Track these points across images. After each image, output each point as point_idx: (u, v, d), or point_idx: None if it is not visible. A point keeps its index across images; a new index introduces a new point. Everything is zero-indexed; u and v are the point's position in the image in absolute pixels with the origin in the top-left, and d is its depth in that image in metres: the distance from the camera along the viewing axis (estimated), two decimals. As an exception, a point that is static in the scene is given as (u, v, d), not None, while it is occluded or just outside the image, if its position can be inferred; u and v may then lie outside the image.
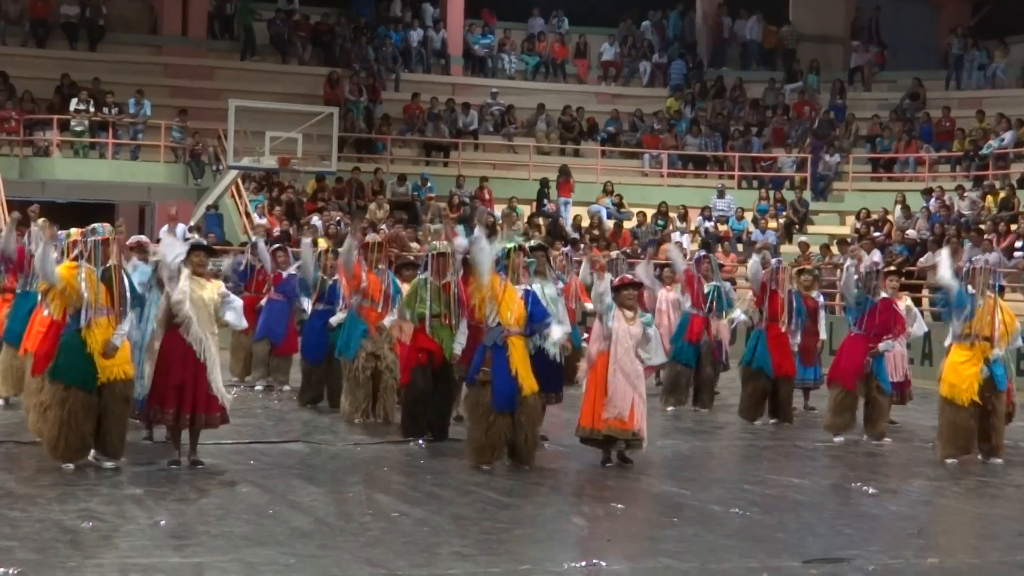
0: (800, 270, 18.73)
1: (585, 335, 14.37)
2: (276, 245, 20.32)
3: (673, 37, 41.11)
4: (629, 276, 14.17)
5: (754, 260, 17.96)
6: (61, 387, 11.91)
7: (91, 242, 12.09)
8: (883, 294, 15.83)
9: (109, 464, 12.13)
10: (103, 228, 12.27)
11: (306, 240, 18.03)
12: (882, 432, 15.84)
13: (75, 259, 12.17)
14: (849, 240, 30.27)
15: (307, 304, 17.63)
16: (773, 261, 18.56)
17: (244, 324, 13.32)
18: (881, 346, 15.62)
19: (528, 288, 13.18)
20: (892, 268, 18.10)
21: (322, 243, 27.88)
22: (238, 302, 12.80)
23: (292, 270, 19.02)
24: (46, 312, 12.66)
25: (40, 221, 15.53)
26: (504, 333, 12.78)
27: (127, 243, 14.57)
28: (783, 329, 17.47)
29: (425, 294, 14.32)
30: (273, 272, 19.39)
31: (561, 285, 14.62)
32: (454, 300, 14.28)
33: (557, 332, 12.94)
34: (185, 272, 12.41)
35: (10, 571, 8.38)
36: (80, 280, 11.93)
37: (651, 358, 13.39)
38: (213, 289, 12.48)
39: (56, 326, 12.18)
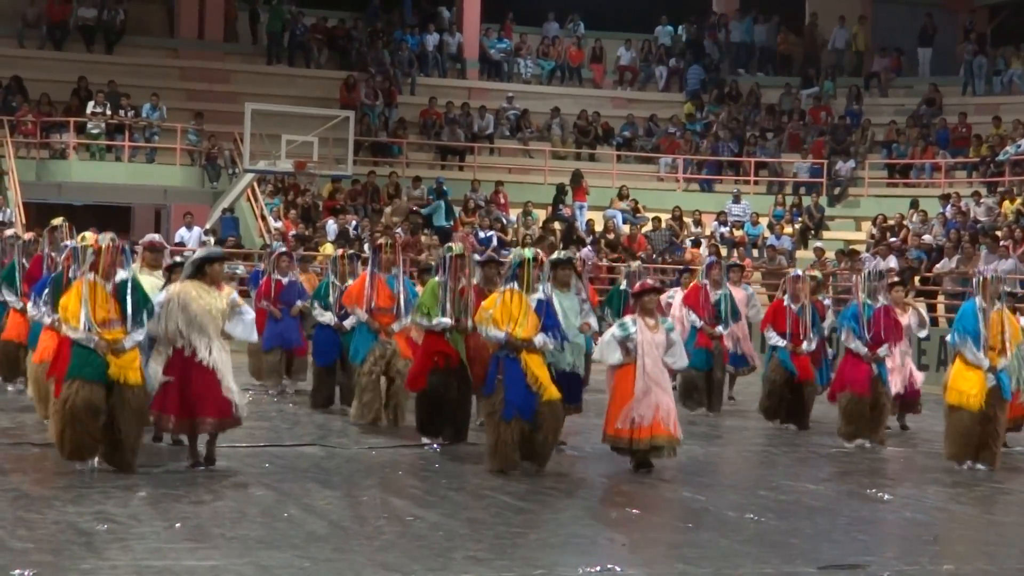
0: (811, 277, 18.76)
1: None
2: (281, 251, 20.31)
3: (742, 43, 41.00)
4: (649, 282, 14.11)
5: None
6: (68, 383, 11.91)
7: (92, 253, 12.08)
8: (882, 300, 15.80)
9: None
10: (103, 238, 12.26)
11: None
12: (883, 438, 15.84)
13: (83, 272, 12.16)
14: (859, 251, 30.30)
15: (327, 316, 17.51)
16: (792, 272, 18.53)
17: (253, 338, 13.14)
18: (880, 351, 15.63)
19: (541, 298, 13.11)
20: (896, 280, 17.95)
21: (328, 248, 28.03)
22: (250, 314, 12.64)
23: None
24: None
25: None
26: (511, 344, 12.74)
27: (141, 242, 14.55)
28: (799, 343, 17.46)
29: (443, 298, 14.30)
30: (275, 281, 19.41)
31: (584, 295, 14.55)
32: (470, 304, 14.27)
33: (539, 339, 12.91)
34: (179, 291, 12.32)
35: (26, 572, 8.40)
36: (84, 298, 11.91)
37: (675, 362, 13.39)
38: (223, 298, 12.38)
39: (65, 341, 12.19)
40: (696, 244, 32.37)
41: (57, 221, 16.70)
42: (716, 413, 18.64)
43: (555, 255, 14.43)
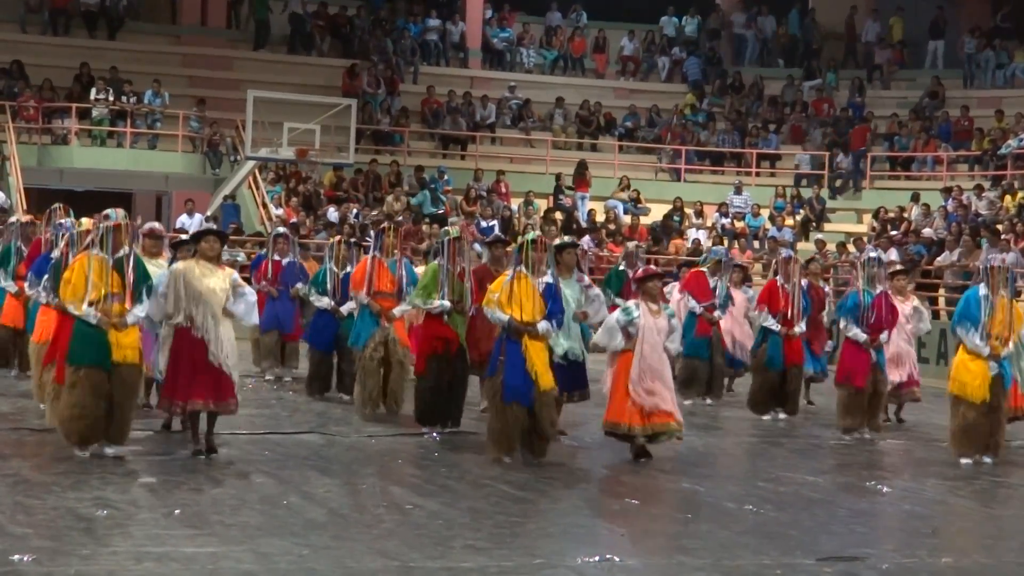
0: (810, 259, 18.73)
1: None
2: (278, 232, 20.35)
3: (793, 37, 40.90)
4: (653, 267, 14.13)
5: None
6: (72, 369, 11.92)
7: (103, 228, 12.09)
8: (879, 288, 15.82)
9: (110, 451, 12.11)
10: (115, 214, 12.25)
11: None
12: (880, 425, 15.84)
13: (86, 248, 12.18)
14: (865, 239, 30.28)
15: (324, 301, 17.56)
16: (783, 252, 18.55)
17: (255, 319, 13.09)
18: (881, 337, 15.64)
19: (549, 282, 13.12)
20: (899, 268, 17.98)
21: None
22: (252, 296, 12.64)
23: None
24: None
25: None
26: (515, 328, 12.73)
27: (141, 230, 14.54)
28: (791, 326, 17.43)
29: (442, 281, 14.32)
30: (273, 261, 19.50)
31: (587, 281, 14.58)
32: (467, 287, 14.30)
33: (542, 325, 12.91)
34: (181, 269, 12.32)
35: (25, 558, 8.41)
36: (88, 272, 11.91)
37: (675, 347, 13.41)
38: (224, 278, 12.37)
39: (65, 319, 12.20)
40: (680, 235, 32.37)
41: (54, 206, 16.72)
42: (716, 400, 18.67)
43: (558, 240, 14.47)
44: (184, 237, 14.11)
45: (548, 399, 12.81)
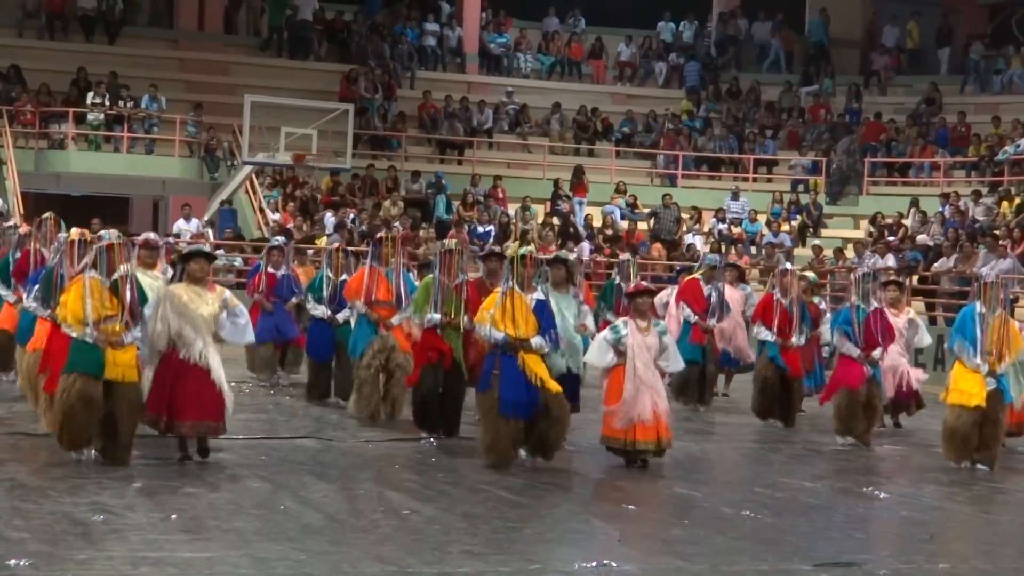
0: (801, 276, 18.72)
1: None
2: (272, 244, 20.26)
3: (814, 43, 40.83)
4: (643, 283, 14.12)
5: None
6: (64, 376, 11.91)
7: (96, 250, 12.06)
8: (875, 303, 15.77)
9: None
10: (109, 235, 12.22)
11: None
12: (868, 440, 15.74)
13: (82, 271, 12.15)
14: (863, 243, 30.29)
15: (320, 310, 17.53)
16: (780, 265, 18.56)
17: (248, 339, 12.98)
18: (875, 353, 15.60)
19: (540, 298, 13.10)
20: (892, 279, 17.96)
21: (323, 241, 27.99)
22: (243, 317, 12.56)
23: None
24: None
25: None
26: (510, 345, 12.73)
27: (136, 241, 14.48)
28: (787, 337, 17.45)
29: (436, 295, 14.29)
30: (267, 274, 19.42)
31: (582, 297, 14.56)
32: (463, 302, 14.25)
33: (536, 341, 12.89)
34: (168, 294, 12.25)
35: (21, 563, 8.40)
36: (84, 296, 11.90)
37: (670, 365, 13.40)
38: (213, 301, 12.29)
39: (57, 331, 12.20)
40: (656, 239, 32.36)
41: (44, 216, 16.68)
42: (707, 407, 18.68)
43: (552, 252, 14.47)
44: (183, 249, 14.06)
45: (561, 402, 12.80)
